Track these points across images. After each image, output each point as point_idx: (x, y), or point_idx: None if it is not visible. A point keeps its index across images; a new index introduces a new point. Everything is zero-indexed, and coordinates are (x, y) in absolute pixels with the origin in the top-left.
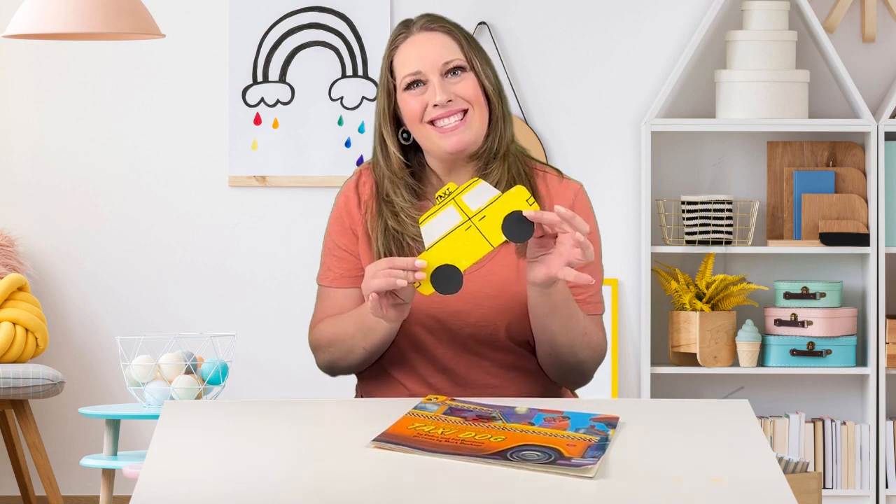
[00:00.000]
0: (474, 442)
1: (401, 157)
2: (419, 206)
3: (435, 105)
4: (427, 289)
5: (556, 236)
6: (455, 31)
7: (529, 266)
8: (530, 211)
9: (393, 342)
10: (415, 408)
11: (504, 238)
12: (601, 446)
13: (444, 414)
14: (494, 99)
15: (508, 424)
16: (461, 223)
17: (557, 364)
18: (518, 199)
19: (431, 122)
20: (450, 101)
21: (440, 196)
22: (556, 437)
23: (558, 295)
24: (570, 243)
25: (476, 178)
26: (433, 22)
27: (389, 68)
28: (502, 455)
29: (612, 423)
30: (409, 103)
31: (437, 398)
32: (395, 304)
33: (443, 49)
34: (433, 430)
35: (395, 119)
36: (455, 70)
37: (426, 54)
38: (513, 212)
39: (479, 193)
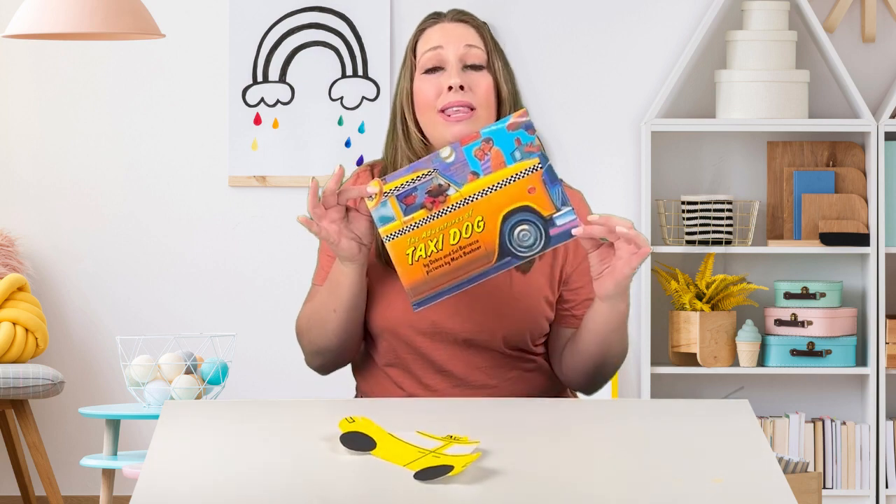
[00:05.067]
0: (471, 245)
1: (422, 138)
2: None
3: (449, 88)
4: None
5: (612, 246)
6: (483, 28)
7: (597, 283)
8: (579, 229)
9: (389, 344)
10: (379, 221)
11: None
12: (551, 175)
13: (405, 213)
14: (507, 104)
15: (461, 189)
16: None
17: (598, 374)
18: None
19: (443, 111)
20: (462, 88)
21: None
22: (510, 182)
23: (624, 303)
24: (625, 247)
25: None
26: (464, 14)
27: (413, 49)
28: (507, 253)
29: (527, 125)
30: (424, 87)
31: (375, 184)
32: (351, 237)
33: (468, 36)
34: (431, 251)
35: (413, 101)
36: (475, 65)
37: (451, 36)
38: (354, 432)
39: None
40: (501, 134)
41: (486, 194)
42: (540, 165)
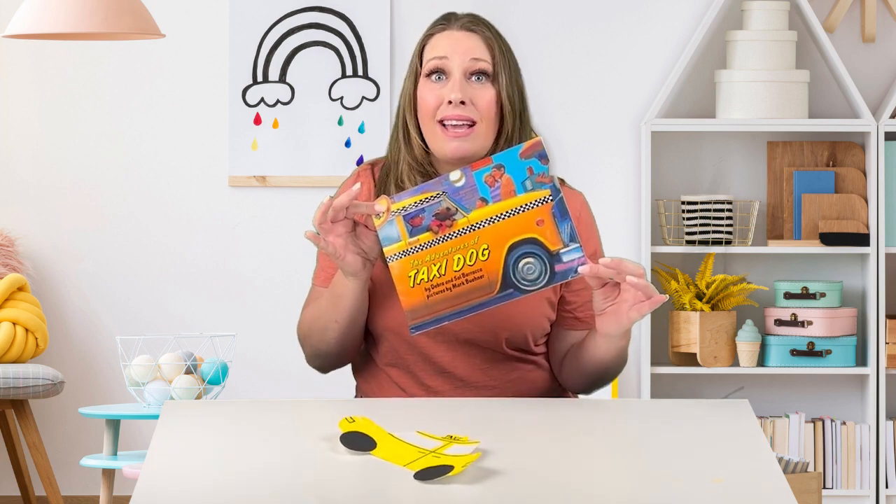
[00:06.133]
0: (474, 274)
1: (423, 144)
2: None
3: (449, 102)
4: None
5: (618, 285)
6: (493, 39)
7: (599, 320)
8: (585, 267)
9: (391, 345)
10: (383, 240)
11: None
12: (561, 209)
13: (410, 234)
14: (510, 118)
15: (469, 215)
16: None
17: (596, 383)
18: None
19: (441, 122)
20: (463, 103)
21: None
22: (518, 212)
23: (624, 340)
24: (633, 291)
25: None
26: (475, 24)
27: (420, 53)
28: (510, 285)
29: (541, 154)
30: (426, 95)
31: (383, 202)
32: (356, 252)
33: (475, 48)
34: (434, 275)
35: (416, 106)
36: (479, 75)
37: (458, 47)
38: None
39: None
40: (513, 161)
41: (493, 222)
42: (551, 198)
